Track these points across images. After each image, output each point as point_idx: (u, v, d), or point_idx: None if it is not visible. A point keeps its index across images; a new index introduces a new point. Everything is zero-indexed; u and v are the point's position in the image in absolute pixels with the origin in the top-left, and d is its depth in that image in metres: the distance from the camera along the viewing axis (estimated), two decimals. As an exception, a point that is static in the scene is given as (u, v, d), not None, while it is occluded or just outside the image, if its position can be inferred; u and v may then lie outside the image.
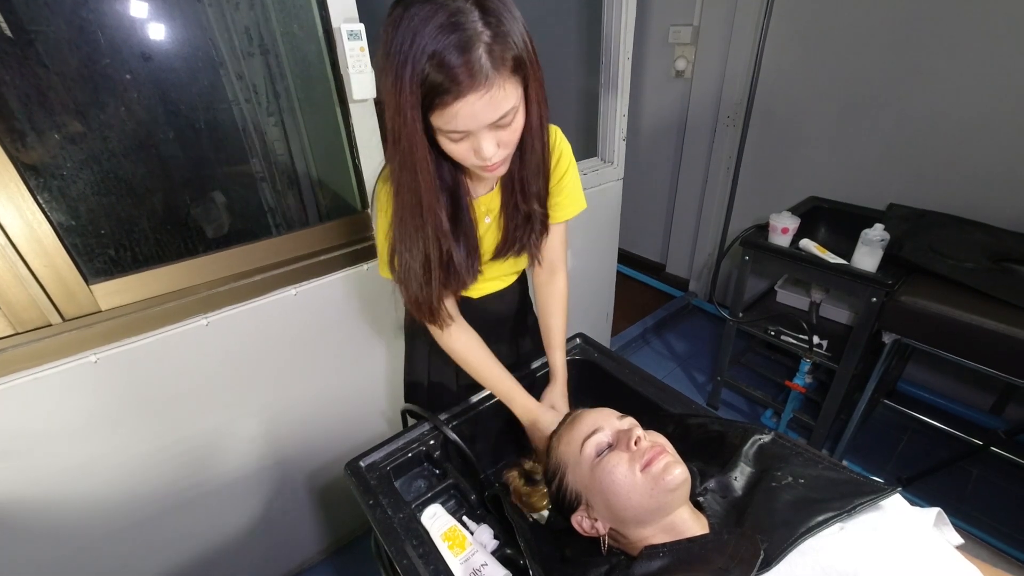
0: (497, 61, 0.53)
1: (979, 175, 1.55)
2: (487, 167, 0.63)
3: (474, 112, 0.55)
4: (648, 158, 2.59)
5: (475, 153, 0.60)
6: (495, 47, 0.53)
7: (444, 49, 0.51)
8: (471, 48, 0.51)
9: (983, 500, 1.54)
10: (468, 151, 0.61)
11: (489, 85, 0.53)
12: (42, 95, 0.86)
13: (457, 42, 0.51)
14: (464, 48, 0.51)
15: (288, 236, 1.08)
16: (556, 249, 0.89)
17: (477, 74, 0.52)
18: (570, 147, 0.82)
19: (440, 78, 0.52)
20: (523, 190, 0.75)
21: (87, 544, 1.00)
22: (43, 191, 0.85)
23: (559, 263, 0.91)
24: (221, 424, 1.09)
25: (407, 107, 0.54)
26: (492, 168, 0.64)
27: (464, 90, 0.53)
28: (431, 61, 0.51)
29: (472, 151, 0.60)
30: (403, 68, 0.52)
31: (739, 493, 0.65)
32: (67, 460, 0.92)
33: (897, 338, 1.31)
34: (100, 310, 0.90)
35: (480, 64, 0.52)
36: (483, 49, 0.52)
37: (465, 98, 0.53)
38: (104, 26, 0.90)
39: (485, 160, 0.61)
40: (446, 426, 0.83)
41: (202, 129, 1.11)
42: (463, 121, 0.56)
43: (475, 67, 0.52)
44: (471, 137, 0.59)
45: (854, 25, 1.67)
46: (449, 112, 0.55)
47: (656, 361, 2.25)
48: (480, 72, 0.52)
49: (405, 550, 0.65)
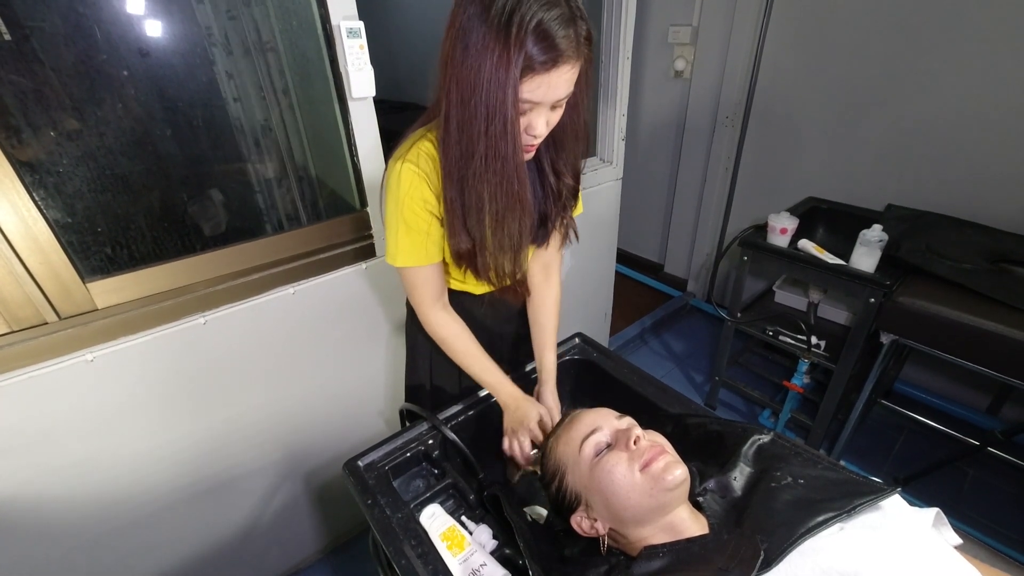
0: (583, 39, 0.58)
1: (977, 176, 1.55)
2: (527, 147, 0.66)
3: (556, 85, 0.58)
4: (647, 158, 2.59)
5: (527, 130, 0.63)
6: (583, 25, 0.57)
7: (551, 20, 0.54)
8: (572, 23, 0.56)
9: (979, 500, 1.55)
10: (521, 129, 0.63)
11: (577, 60, 0.58)
12: (38, 91, 0.86)
13: (560, 15, 0.55)
14: (566, 22, 0.55)
15: (286, 234, 1.08)
16: (553, 251, 0.91)
17: (574, 48, 0.56)
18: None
19: (543, 46, 0.55)
20: (555, 166, 0.76)
21: (84, 543, 1.00)
22: (39, 188, 0.84)
23: (554, 265, 0.93)
24: (218, 423, 1.09)
25: (510, 67, 0.55)
26: (530, 148, 0.67)
27: (561, 61, 0.56)
28: (537, 29, 0.54)
29: (524, 128, 0.63)
30: (507, 31, 0.54)
31: (738, 493, 0.64)
32: (63, 459, 0.92)
33: (895, 338, 1.31)
34: (96, 308, 0.90)
35: (576, 39, 0.56)
36: (577, 27, 0.56)
37: (558, 69, 0.57)
38: (101, 21, 0.90)
39: (535, 138, 0.64)
40: (445, 426, 0.83)
41: (199, 126, 1.10)
42: (543, 92, 0.58)
43: (573, 41, 0.56)
44: (531, 113, 0.62)
45: (853, 26, 1.68)
46: (535, 82, 0.57)
47: (654, 361, 2.26)
48: (576, 47, 0.57)
49: (403, 550, 0.64)
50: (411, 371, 1.04)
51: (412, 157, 0.70)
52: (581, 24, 0.57)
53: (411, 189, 0.71)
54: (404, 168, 0.70)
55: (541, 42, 0.55)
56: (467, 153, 0.64)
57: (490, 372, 0.86)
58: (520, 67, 0.56)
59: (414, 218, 0.73)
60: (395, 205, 0.72)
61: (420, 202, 0.72)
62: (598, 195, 1.67)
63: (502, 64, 0.55)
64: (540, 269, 0.92)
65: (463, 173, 0.66)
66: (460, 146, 0.64)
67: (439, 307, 0.84)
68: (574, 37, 0.56)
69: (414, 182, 0.70)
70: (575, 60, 0.58)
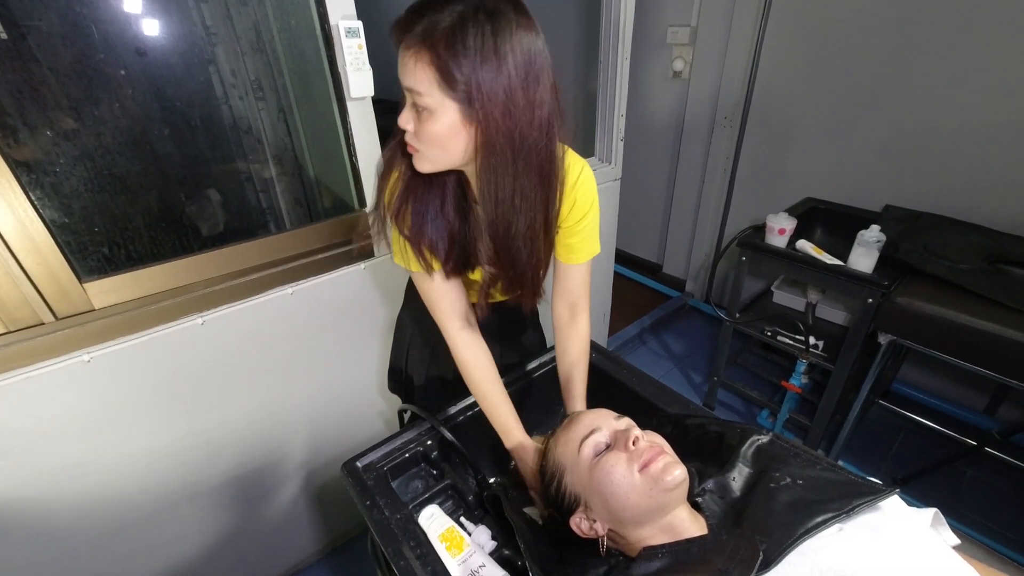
0: (420, 40, 0.55)
1: (974, 177, 1.55)
2: (409, 146, 0.64)
3: (403, 62, 0.57)
4: (645, 158, 2.59)
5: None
6: (434, 33, 0.54)
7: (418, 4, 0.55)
8: (426, 14, 0.54)
9: (977, 500, 1.55)
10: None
11: (407, 46, 0.56)
12: (34, 90, 0.85)
13: (431, 7, 0.54)
14: (428, 10, 0.54)
15: (284, 234, 1.07)
16: (577, 289, 0.84)
17: (404, 27, 0.56)
18: (595, 189, 0.77)
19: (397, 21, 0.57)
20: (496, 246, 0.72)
21: (81, 544, 0.99)
22: (35, 188, 0.84)
23: (581, 304, 0.85)
24: (216, 424, 1.08)
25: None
26: (410, 148, 0.64)
27: (402, 45, 0.56)
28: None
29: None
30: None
31: (737, 494, 0.64)
32: (60, 460, 0.91)
33: (893, 339, 1.31)
34: (93, 309, 0.89)
35: (416, 27, 0.54)
36: (427, 23, 0.54)
37: (401, 52, 0.57)
38: (98, 21, 0.89)
39: (400, 124, 0.62)
40: (444, 426, 0.83)
41: (197, 126, 1.10)
42: (400, 67, 0.58)
43: (410, 26, 0.55)
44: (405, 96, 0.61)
45: (851, 27, 1.68)
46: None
47: (653, 361, 2.26)
48: (408, 30, 0.55)
49: (402, 551, 0.64)
50: (395, 353, 1.05)
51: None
52: (433, 21, 0.54)
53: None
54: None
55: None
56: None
57: (500, 414, 0.82)
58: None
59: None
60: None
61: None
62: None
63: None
64: (566, 309, 0.86)
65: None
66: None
67: (459, 324, 0.80)
68: (422, 21, 0.54)
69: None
70: (415, 50, 0.55)
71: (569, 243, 0.79)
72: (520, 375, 0.97)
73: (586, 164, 0.76)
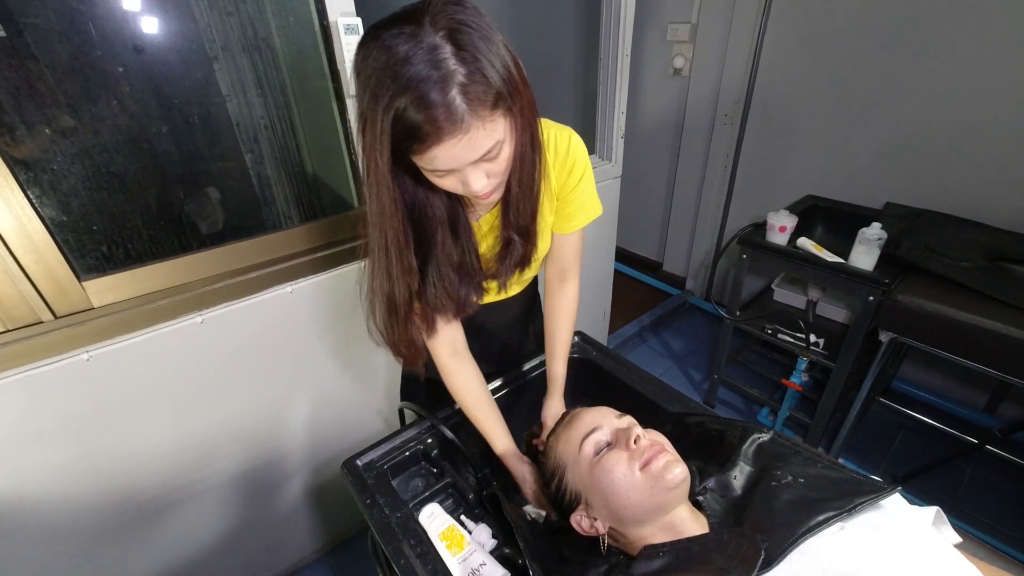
0: (475, 102, 0.49)
1: (975, 174, 1.55)
2: (481, 196, 0.61)
3: (455, 155, 0.52)
4: (646, 156, 2.59)
5: (464, 186, 0.58)
6: (471, 87, 0.49)
7: (422, 90, 0.47)
8: (447, 89, 0.47)
9: (977, 498, 1.55)
10: (457, 183, 0.58)
11: (467, 128, 0.50)
12: (32, 88, 0.85)
13: (436, 82, 0.47)
14: (442, 89, 0.47)
15: (284, 233, 1.07)
16: (568, 257, 0.86)
17: (454, 118, 0.48)
18: (586, 151, 0.78)
19: (417, 120, 0.48)
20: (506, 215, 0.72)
21: (80, 544, 0.99)
22: (33, 186, 0.83)
23: (571, 271, 0.88)
24: (216, 423, 1.08)
25: (378, 149, 0.52)
26: (485, 197, 0.61)
27: (443, 135, 0.49)
28: (408, 102, 0.47)
29: (461, 183, 0.57)
30: (376, 107, 0.49)
31: (738, 492, 0.64)
32: (59, 459, 0.91)
33: (894, 336, 1.31)
34: (92, 307, 0.89)
35: (455, 106, 0.48)
36: (457, 91, 0.48)
37: (443, 143, 0.50)
38: (95, 17, 0.89)
39: (475, 193, 0.58)
40: (444, 424, 0.83)
41: (196, 124, 1.09)
42: (444, 162, 0.53)
43: (452, 110, 0.48)
44: (456, 173, 0.56)
45: (852, 24, 1.67)
46: (428, 155, 0.52)
47: (653, 359, 2.26)
48: (456, 116, 0.48)
49: (403, 549, 0.64)
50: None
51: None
52: (460, 87, 0.48)
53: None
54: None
55: (416, 115, 0.48)
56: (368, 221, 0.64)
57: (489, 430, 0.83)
58: (391, 146, 0.51)
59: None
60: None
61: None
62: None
63: (378, 145, 0.51)
64: (556, 275, 0.88)
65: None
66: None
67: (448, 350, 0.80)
68: (451, 104, 0.48)
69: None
70: (462, 128, 0.49)
71: (568, 211, 0.80)
72: (515, 376, 0.97)
73: (572, 130, 0.77)
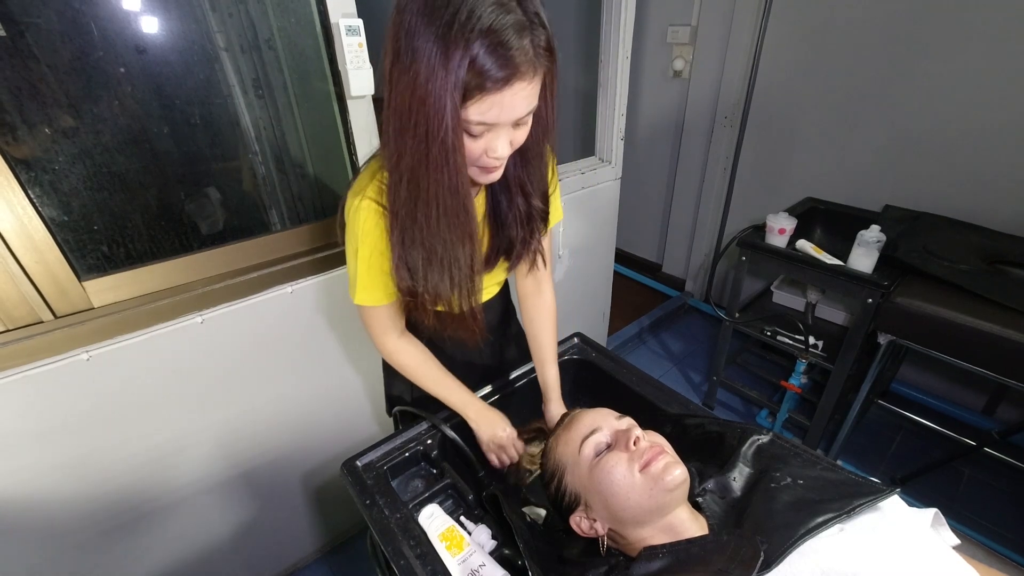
0: (541, 50, 0.50)
1: (974, 177, 1.56)
2: (490, 168, 0.60)
3: (513, 103, 0.51)
4: (645, 158, 2.59)
5: (487, 152, 0.56)
6: (541, 34, 0.50)
7: (504, 28, 0.46)
8: (527, 31, 0.48)
9: (975, 500, 1.56)
10: (481, 150, 0.56)
11: (534, 74, 0.50)
12: (33, 88, 0.85)
13: (514, 24, 0.47)
14: (521, 30, 0.47)
15: (284, 233, 1.07)
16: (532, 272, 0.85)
17: (529, 60, 0.49)
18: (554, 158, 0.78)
19: (494, 60, 0.47)
20: (523, 187, 0.70)
21: (80, 543, 0.99)
22: (34, 186, 0.83)
23: (545, 278, 0.88)
24: (215, 423, 1.08)
25: (449, 89, 0.48)
26: (493, 170, 0.60)
27: (515, 77, 0.49)
28: (485, 39, 0.46)
29: (485, 150, 0.56)
30: (453, 45, 0.46)
31: (738, 494, 0.64)
32: (59, 459, 0.91)
33: (892, 339, 1.31)
34: (93, 307, 0.89)
35: (527, 52, 0.48)
36: (535, 36, 0.49)
37: (512, 86, 0.49)
38: (97, 18, 0.89)
39: (497, 160, 0.57)
40: (444, 424, 0.83)
41: (197, 124, 1.09)
42: (497, 112, 0.51)
43: (529, 53, 0.49)
44: (489, 134, 0.55)
45: (851, 27, 1.68)
46: (489, 101, 0.50)
47: (652, 361, 2.26)
48: (533, 59, 0.49)
49: (402, 550, 0.64)
50: (390, 382, 0.99)
51: (372, 192, 0.64)
52: (540, 32, 0.49)
53: (371, 227, 0.65)
54: (363, 205, 0.64)
55: (491, 55, 0.47)
56: (407, 182, 0.57)
57: (454, 392, 0.83)
58: (463, 86, 0.48)
59: (375, 258, 0.68)
60: (353, 242, 0.68)
61: (383, 240, 0.66)
62: (596, 195, 1.67)
63: (442, 82, 0.47)
64: (531, 282, 0.88)
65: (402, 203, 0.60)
66: (399, 171, 0.57)
67: (394, 336, 0.81)
68: (530, 48, 0.49)
69: (373, 219, 0.65)
70: (532, 75, 0.50)
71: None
72: (504, 383, 0.96)
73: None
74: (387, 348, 0.82)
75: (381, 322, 0.79)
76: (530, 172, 0.69)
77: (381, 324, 0.79)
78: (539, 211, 0.74)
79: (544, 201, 0.75)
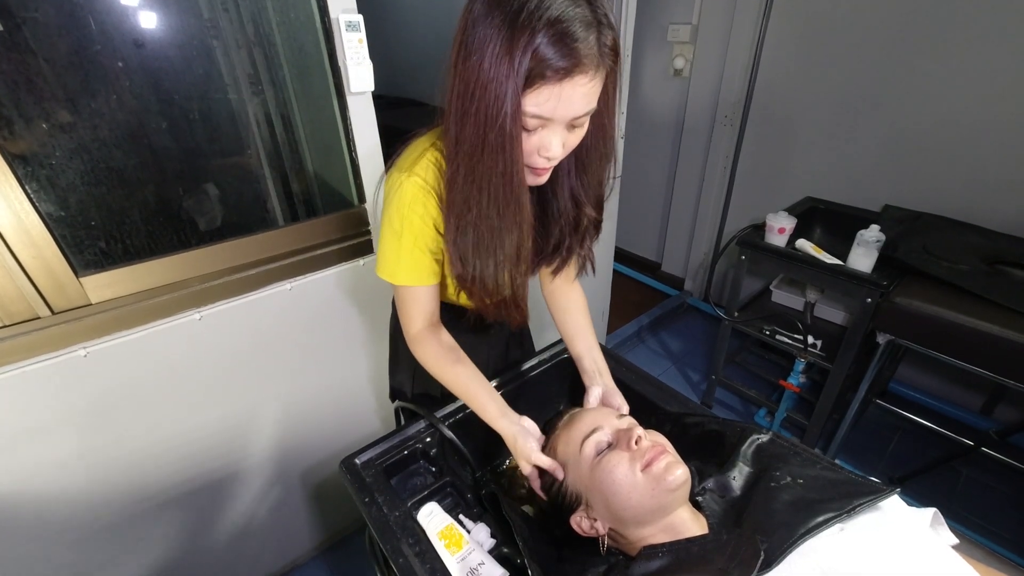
0: (605, 48, 0.50)
1: (974, 178, 1.56)
2: (539, 170, 0.58)
3: (572, 98, 0.51)
4: (645, 156, 2.59)
5: (539, 150, 0.56)
6: (608, 33, 0.50)
7: (571, 20, 0.46)
8: (594, 27, 0.48)
9: (973, 500, 1.56)
10: (533, 147, 0.56)
11: (596, 71, 0.51)
12: (30, 82, 0.84)
13: (583, 16, 0.47)
14: (587, 25, 0.48)
15: (283, 230, 1.06)
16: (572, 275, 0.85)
17: (593, 56, 0.49)
18: None
19: (557, 50, 0.47)
20: (574, 193, 0.69)
21: (77, 540, 0.99)
22: (31, 181, 0.83)
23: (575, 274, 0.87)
24: (213, 420, 1.08)
25: (512, 75, 0.48)
26: (542, 172, 0.59)
27: (576, 70, 0.49)
28: (550, 28, 0.46)
29: (537, 148, 0.55)
30: (519, 32, 0.46)
31: (737, 493, 0.64)
32: (56, 455, 0.91)
33: (891, 339, 1.31)
34: (90, 303, 0.88)
35: (591, 46, 0.49)
36: (601, 33, 0.49)
37: (573, 79, 0.49)
38: (95, 12, 0.88)
39: (549, 159, 0.56)
40: (443, 423, 0.82)
41: (195, 119, 1.09)
42: (554, 105, 0.51)
43: (594, 47, 0.49)
44: (543, 131, 0.54)
45: (852, 26, 1.68)
46: (547, 92, 0.50)
47: (651, 359, 2.26)
48: (593, 55, 0.49)
49: (401, 548, 0.64)
50: (393, 371, 0.99)
51: (420, 170, 0.64)
52: (607, 32, 0.50)
53: (416, 205, 0.64)
54: (410, 182, 0.63)
55: (554, 45, 0.47)
56: (464, 167, 0.57)
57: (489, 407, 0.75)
58: (525, 73, 0.48)
59: (420, 237, 0.67)
60: (399, 221, 0.66)
61: (428, 219, 0.66)
62: (597, 193, 1.67)
63: (505, 68, 0.48)
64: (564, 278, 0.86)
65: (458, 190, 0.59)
66: (457, 159, 0.57)
67: (430, 331, 0.77)
68: (595, 44, 0.49)
69: (419, 198, 0.64)
70: (594, 72, 0.50)
71: None
72: (516, 374, 0.97)
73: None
74: (420, 343, 0.77)
75: (418, 307, 0.74)
76: (584, 179, 0.68)
77: (416, 309, 0.74)
78: (591, 219, 0.73)
79: (598, 209, 0.73)
